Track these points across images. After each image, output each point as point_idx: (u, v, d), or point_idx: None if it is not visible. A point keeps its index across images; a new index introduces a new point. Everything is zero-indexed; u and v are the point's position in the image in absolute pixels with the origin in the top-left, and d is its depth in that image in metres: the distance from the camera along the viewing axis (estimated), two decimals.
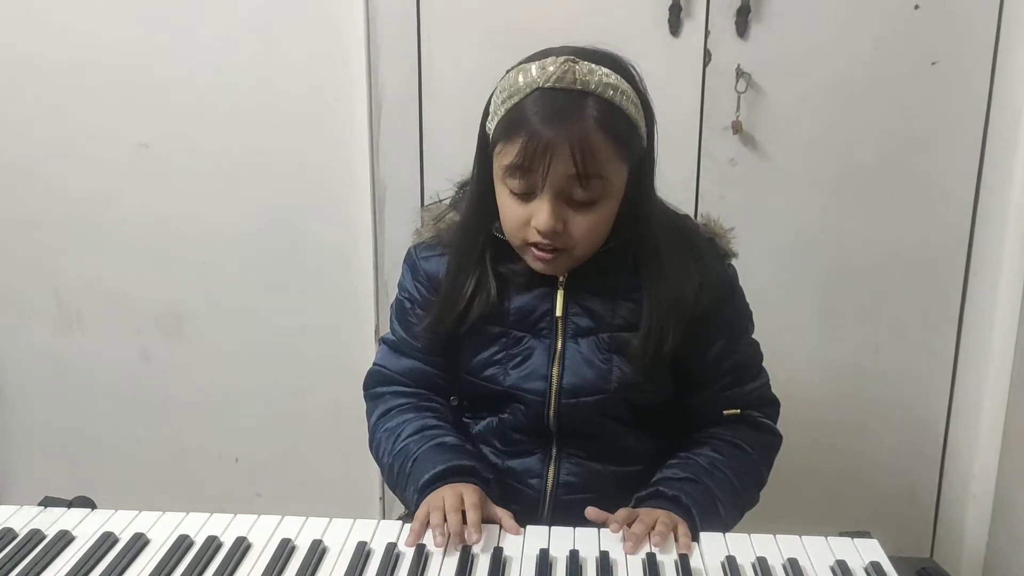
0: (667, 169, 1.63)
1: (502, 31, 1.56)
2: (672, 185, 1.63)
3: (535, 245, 1.00)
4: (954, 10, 1.57)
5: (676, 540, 0.95)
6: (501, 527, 0.96)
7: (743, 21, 1.58)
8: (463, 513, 0.95)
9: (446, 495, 0.97)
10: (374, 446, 1.13)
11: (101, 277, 1.83)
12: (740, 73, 1.60)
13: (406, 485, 1.05)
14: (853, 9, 1.58)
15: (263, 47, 1.68)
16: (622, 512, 0.99)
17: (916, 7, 1.57)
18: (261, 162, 1.73)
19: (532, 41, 1.03)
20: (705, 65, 1.61)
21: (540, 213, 0.97)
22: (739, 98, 1.61)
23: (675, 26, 1.59)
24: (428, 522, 0.94)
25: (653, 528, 0.95)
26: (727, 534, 0.96)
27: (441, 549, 0.92)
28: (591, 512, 0.99)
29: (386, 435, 1.10)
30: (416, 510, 0.99)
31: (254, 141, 1.72)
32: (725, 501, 1.04)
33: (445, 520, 0.94)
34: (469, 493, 0.97)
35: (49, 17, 1.70)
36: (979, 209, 1.67)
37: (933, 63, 1.60)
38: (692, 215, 1.15)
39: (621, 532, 0.95)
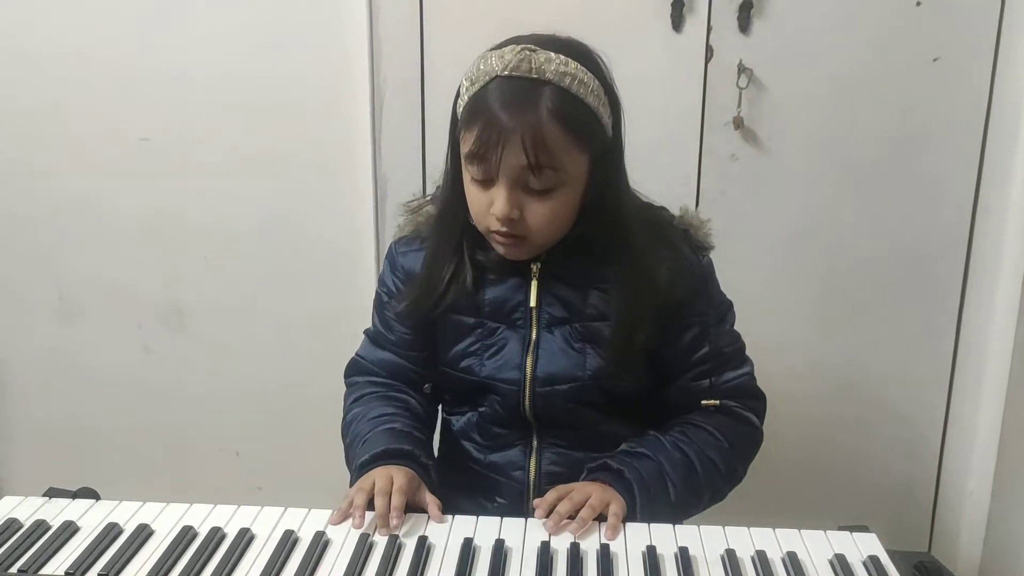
0: (668, 164, 1.66)
1: (504, 25, 1.54)
2: (673, 180, 1.66)
3: (496, 231, 1.01)
4: (955, 6, 1.57)
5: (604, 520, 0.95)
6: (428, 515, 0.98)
7: (745, 17, 1.58)
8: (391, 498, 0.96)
9: (377, 477, 0.99)
10: (342, 428, 1.17)
11: (103, 271, 1.83)
12: (742, 69, 1.60)
13: (351, 465, 1.08)
14: (855, 5, 1.58)
15: (265, 41, 1.68)
16: (551, 494, 0.99)
17: (918, 3, 1.57)
18: (263, 156, 1.74)
19: None
20: (707, 61, 1.61)
21: (497, 201, 0.98)
22: (740, 94, 1.61)
23: (677, 21, 1.60)
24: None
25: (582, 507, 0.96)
26: (726, 527, 0.96)
27: (444, 541, 0.93)
28: (536, 503, 0.99)
29: (350, 419, 1.15)
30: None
31: (256, 135, 1.72)
32: (678, 483, 1.03)
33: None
34: (399, 476, 0.99)
35: (50, 11, 1.70)
36: (979, 205, 1.67)
37: (934, 59, 1.60)
38: (693, 210, 1.15)
39: (550, 515, 0.96)
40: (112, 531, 0.94)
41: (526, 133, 0.94)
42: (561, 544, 0.92)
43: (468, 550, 0.91)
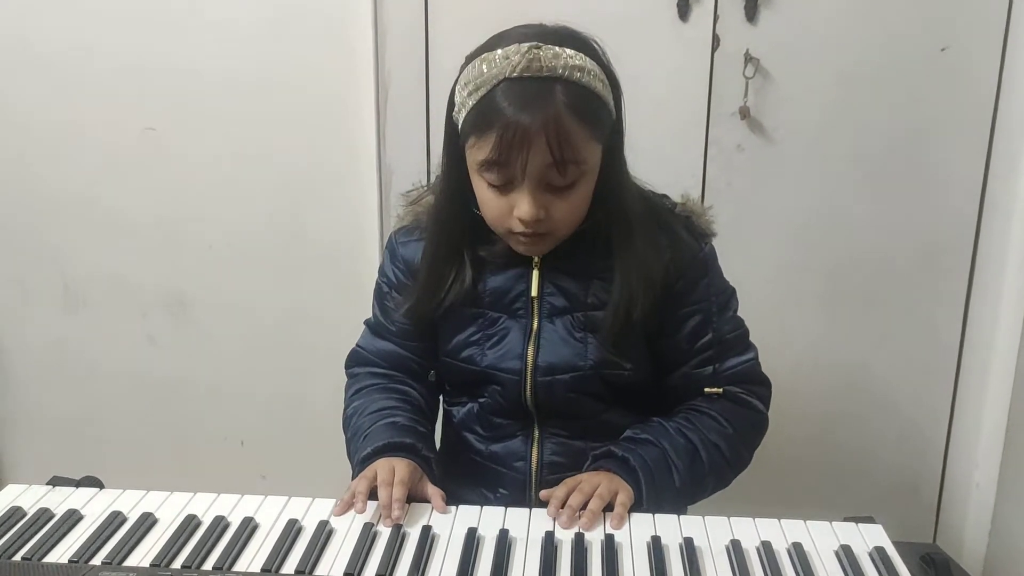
0: (674, 155, 1.65)
1: (508, 17, 1.53)
2: (679, 171, 1.65)
3: (518, 232, 1.01)
4: None
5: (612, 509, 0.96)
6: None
7: (752, 6, 1.57)
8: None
9: (379, 468, 1.00)
10: (343, 421, 1.17)
11: (107, 261, 1.83)
12: (748, 58, 1.59)
13: (353, 459, 1.09)
14: None
15: (270, 34, 1.67)
16: (560, 488, 0.99)
17: None
18: (268, 149, 1.73)
19: None
20: (713, 50, 1.60)
21: (521, 204, 0.97)
22: (747, 84, 1.60)
23: (684, 10, 1.59)
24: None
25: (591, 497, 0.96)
26: (731, 518, 0.95)
27: (448, 532, 0.93)
28: (544, 495, 1.00)
29: (352, 412, 1.14)
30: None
31: (261, 128, 1.72)
32: (682, 469, 1.03)
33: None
34: (401, 467, 0.99)
35: (55, 3, 1.69)
36: (987, 197, 1.65)
37: (942, 49, 1.59)
38: (694, 197, 1.14)
39: (563, 508, 0.96)
40: (116, 520, 0.94)
41: (549, 132, 0.93)
42: (566, 534, 0.92)
43: (472, 540, 0.91)
